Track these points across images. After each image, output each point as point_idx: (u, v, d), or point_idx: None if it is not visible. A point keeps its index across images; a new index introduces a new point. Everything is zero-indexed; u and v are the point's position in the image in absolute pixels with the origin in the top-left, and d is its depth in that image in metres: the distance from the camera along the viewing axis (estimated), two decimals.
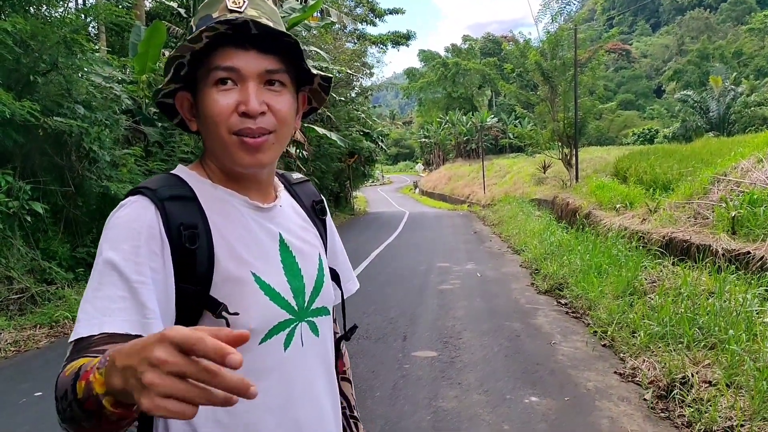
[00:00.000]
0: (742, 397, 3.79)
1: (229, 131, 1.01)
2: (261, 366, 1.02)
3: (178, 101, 1.09)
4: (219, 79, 1.00)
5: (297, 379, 1.07)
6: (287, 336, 1.06)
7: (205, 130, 1.06)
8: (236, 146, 1.01)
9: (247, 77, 1.00)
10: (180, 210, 1.01)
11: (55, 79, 8.73)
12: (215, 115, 1.00)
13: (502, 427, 4.01)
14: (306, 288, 1.11)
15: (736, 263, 6.92)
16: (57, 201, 9.08)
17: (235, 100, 1.00)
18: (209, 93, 1.01)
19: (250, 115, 0.99)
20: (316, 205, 1.27)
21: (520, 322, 6.89)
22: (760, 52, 59.09)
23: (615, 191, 14.00)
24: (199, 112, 1.06)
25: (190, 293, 0.98)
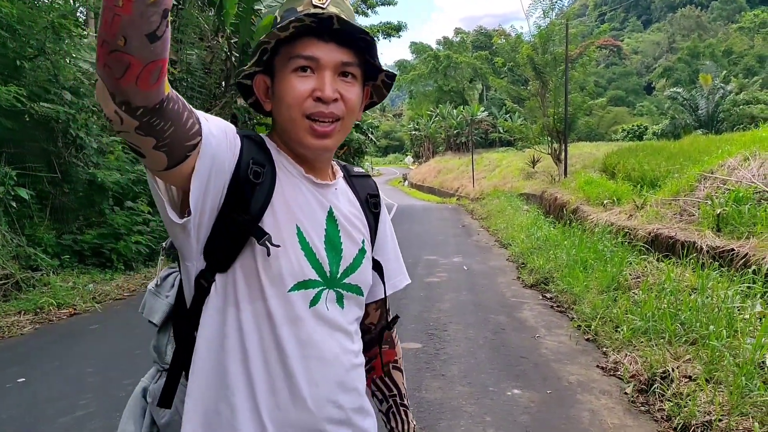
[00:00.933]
0: (721, 393, 3.84)
1: (302, 114, 1.11)
2: (287, 313, 1.11)
3: (256, 83, 1.19)
4: (299, 66, 1.10)
5: (321, 337, 1.15)
6: (315, 296, 1.14)
7: (279, 111, 1.16)
8: (306, 130, 1.12)
9: (325, 67, 1.11)
10: (254, 150, 1.12)
11: (42, 65, 8.66)
12: (292, 98, 1.11)
13: (484, 419, 4.05)
14: (342, 261, 1.20)
15: (720, 260, 7.00)
16: (43, 187, 9.02)
17: (312, 87, 1.10)
18: (288, 78, 1.11)
19: (324, 101, 1.10)
20: (371, 198, 1.36)
21: (505, 316, 6.94)
22: (749, 51, 59.49)
23: (603, 187, 14.09)
24: (275, 95, 1.15)
25: (239, 221, 1.07)
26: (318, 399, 1.13)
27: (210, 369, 1.10)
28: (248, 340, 1.09)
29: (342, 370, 1.19)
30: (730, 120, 34.96)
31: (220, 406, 1.10)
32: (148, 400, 1.23)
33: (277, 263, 1.09)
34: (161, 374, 1.25)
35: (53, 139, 8.98)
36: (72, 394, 4.45)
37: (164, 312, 1.24)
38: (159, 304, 1.25)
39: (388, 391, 1.48)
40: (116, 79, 0.83)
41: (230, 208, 1.07)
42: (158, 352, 1.26)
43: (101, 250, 9.35)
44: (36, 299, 7.14)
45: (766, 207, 7.72)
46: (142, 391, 1.26)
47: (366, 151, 33.09)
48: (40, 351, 5.66)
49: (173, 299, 1.24)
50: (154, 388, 1.22)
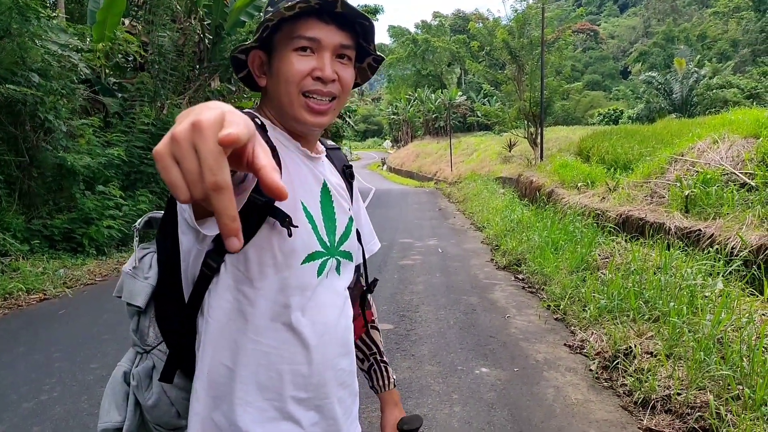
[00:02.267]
0: (680, 368, 3.93)
1: (299, 91, 1.14)
2: (300, 283, 1.15)
3: (251, 58, 1.20)
4: (301, 46, 1.13)
5: (326, 303, 1.21)
6: (320, 265, 1.19)
7: (276, 87, 1.17)
8: (302, 107, 1.16)
9: (325, 48, 1.14)
10: (260, 131, 1.09)
11: (8, 46, 8.45)
12: (292, 75, 1.14)
13: (451, 397, 4.10)
14: (337, 231, 1.25)
15: (686, 240, 7.12)
16: (11, 172, 8.87)
17: (312, 66, 1.13)
18: (289, 56, 1.14)
19: (323, 81, 1.14)
20: (346, 169, 1.42)
21: (477, 297, 7.00)
22: (723, 35, 60.08)
23: (577, 170, 14.20)
24: (272, 71, 1.17)
25: (259, 204, 1.07)
26: (327, 364, 1.20)
27: (223, 346, 1.12)
28: (262, 315, 1.12)
29: (345, 334, 1.27)
30: (703, 104, 35.34)
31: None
32: (132, 383, 1.23)
33: (293, 239, 1.12)
34: (141, 356, 1.25)
35: (20, 123, 8.82)
36: (37, 380, 4.41)
37: (147, 294, 1.24)
38: (139, 287, 1.24)
39: (368, 350, 1.55)
40: None
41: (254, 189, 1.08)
42: (140, 335, 1.26)
43: (72, 235, 9.24)
44: (5, 285, 7.04)
45: (732, 188, 7.85)
46: (123, 375, 1.26)
47: (344, 135, 32.96)
48: (6, 336, 5.60)
49: (154, 280, 1.24)
50: (138, 371, 1.22)
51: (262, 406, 1.13)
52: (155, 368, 1.22)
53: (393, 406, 1.52)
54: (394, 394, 1.54)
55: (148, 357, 1.24)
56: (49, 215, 9.31)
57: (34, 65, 8.71)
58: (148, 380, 1.22)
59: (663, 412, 3.59)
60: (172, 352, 1.21)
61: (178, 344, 1.19)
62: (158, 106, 12.28)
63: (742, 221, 6.67)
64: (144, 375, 1.22)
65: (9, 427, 3.66)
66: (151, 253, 1.28)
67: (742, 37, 57.81)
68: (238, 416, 1.11)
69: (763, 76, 43.81)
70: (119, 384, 1.25)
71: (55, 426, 3.67)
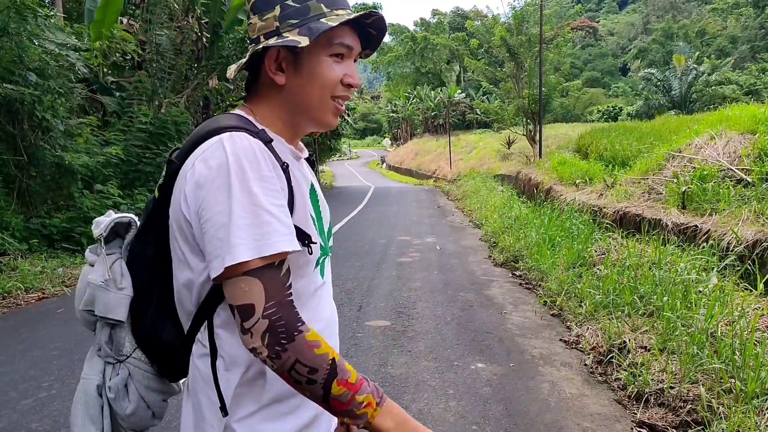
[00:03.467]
0: (673, 362, 3.96)
1: (332, 96, 1.18)
2: (313, 288, 1.20)
3: (270, 53, 1.17)
4: (338, 53, 1.16)
5: (328, 300, 1.27)
6: (321, 266, 1.24)
7: (305, 88, 1.17)
8: (331, 110, 1.19)
9: (353, 55, 1.20)
10: (274, 152, 1.11)
11: (6, 45, 8.47)
12: (330, 80, 1.16)
13: (447, 392, 4.13)
14: (325, 228, 1.28)
15: (683, 236, 7.15)
16: (9, 171, 8.89)
17: (343, 72, 1.17)
18: (326, 60, 1.16)
19: (353, 87, 1.20)
20: (309, 159, 1.40)
21: (474, 293, 7.03)
22: (722, 31, 60.04)
23: (576, 167, 14.24)
24: (300, 71, 1.16)
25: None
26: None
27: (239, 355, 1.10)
28: None
29: (335, 327, 1.31)
30: (702, 100, 35.41)
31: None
32: (109, 395, 1.20)
33: (310, 250, 1.15)
34: (114, 367, 1.22)
35: (18, 122, 8.84)
36: (36, 377, 4.45)
37: (126, 306, 1.20)
38: (115, 299, 1.20)
39: None
40: None
41: None
42: (115, 346, 1.22)
43: (71, 234, 9.26)
44: (3, 284, 7.07)
45: (729, 184, 7.89)
46: (96, 389, 1.21)
47: (343, 133, 32.96)
48: (5, 335, 5.62)
49: (131, 290, 1.21)
50: (116, 382, 1.20)
51: (280, 409, 1.13)
52: (131, 376, 1.21)
53: None
54: None
55: (122, 366, 1.21)
56: (48, 214, 9.33)
57: (31, 64, 8.73)
58: (125, 390, 1.21)
59: (656, 406, 3.62)
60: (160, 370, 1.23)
61: (165, 353, 1.18)
62: (156, 105, 12.30)
63: (738, 217, 6.70)
64: (121, 385, 1.20)
65: (8, 424, 3.69)
66: (119, 259, 1.24)
67: (741, 34, 57.78)
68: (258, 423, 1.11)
69: (762, 73, 43.86)
70: (93, 398, 1.21)
71: (53, 422, 3.70)
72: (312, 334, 1.01)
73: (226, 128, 1.09)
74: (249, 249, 0.98)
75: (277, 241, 1.00)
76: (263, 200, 1.02)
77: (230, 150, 1.04)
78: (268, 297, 0.99)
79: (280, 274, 1.02)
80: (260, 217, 1.00)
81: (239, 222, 0.99)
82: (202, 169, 1.04)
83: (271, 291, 0.99)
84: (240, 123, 1.12)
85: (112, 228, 1.26)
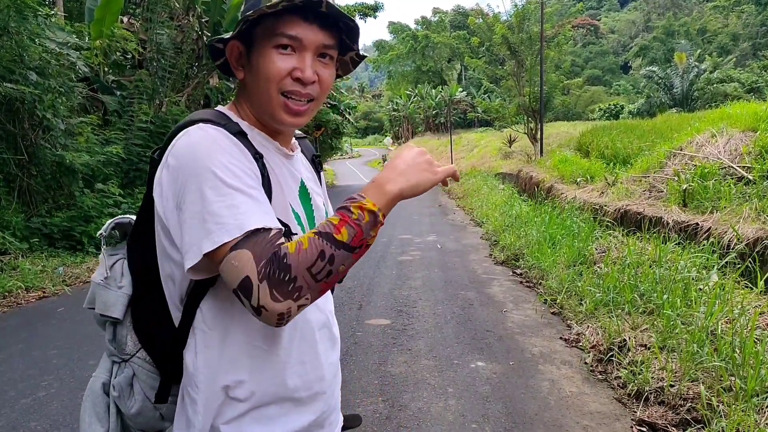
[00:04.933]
0: (674, 359, 3.95)
1: (278, 91, 1.12)
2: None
3: (230, 48, 1.18)
4: (282, 44, 1.10)
5: (315, 307, 1.21)
6: None
7: (254, 82, 1.15)
8: (280, 106, 1.13)
9: (307, 48, 1.12)
10: (246, 143, 1.11)
11: (6, 44, 8.48)
12: (272, 74, 1.11)
13: (446, 390, 4.12)
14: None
15: (684, 234, 7.13)
16: (10, 170, 8.89)
17: (292, 66, 1.11)
18: (269, 53, 1.11)
19: (303, 82, 1.12)
20: (315, 159, 1.42)
21: (474, 292, 7.02)
22: (723, 29, 59.96)
23: (577, 165, 14.21)
24: (251, 66, 1.14)
25: None
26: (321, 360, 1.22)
27: (228, 356, 1.10)
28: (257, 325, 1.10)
29: (331, 326, 1.30)
30: (704, 98, 35.34)
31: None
32: (113, 393, 1.21)
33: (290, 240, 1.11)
34: (120, 366, 1.23)
35: (19, 121, 8.84)
36: (35, 376, 4.45)
37: (124, 304, 1.22)
38: (114, 297, 1.22)
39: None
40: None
41: None
42: (118, 345, 1.23)
43: (71, 233, 9.26)
44: (4, 283, 7.07)
45: (730, 182, 7.86)
46: (102, 387, 1.23)
47: (344, 131, 32.95)
48: (5, 334, 5.63)
49: (129, 289, 1.22)
50: (120, 381, 1.20)
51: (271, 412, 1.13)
52: (135, 376, 1.21)
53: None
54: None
55: (127, 365, 1.22)
56: (49, 213, 9.33)
57: (32, 63, 8.73)
58: (129, 389, 1.21)
59: (656, 404, 3.61)
60: (163, 374, 1.20)
61: (164, 352, 1.18)
62: (157, 104, 12.31)
63: (739, 215, 6.68)
64: (125, 384, 1.20)
65: (6, 423, 3.69)
66: (121, 259, 1.26)
67: (743, 31, 57.71)
68: (247, 425, 1.11)
69: (763, 70, 43.77)
70: (99, 396, 1.23)
71: (52, 422, 3.70)
72: (292, 244, 0.97)
73: (196, 121, 1.09)
74: (228, 231, 0.97)
75: (252, 216, 0.98)
76: (234, 182, 1.00)
77: (195, 139, 1.04)
78: (257, 260, 0.95)
79: (269, 234, 0.98)
80: (233, 197, 0.99)
81: (212, 207, 0.98)
82: (172, 162, 1.04)
83: (260, 252, 0.96)
84: (212, 116, 1.12)
85: (118, 228, 1.31)
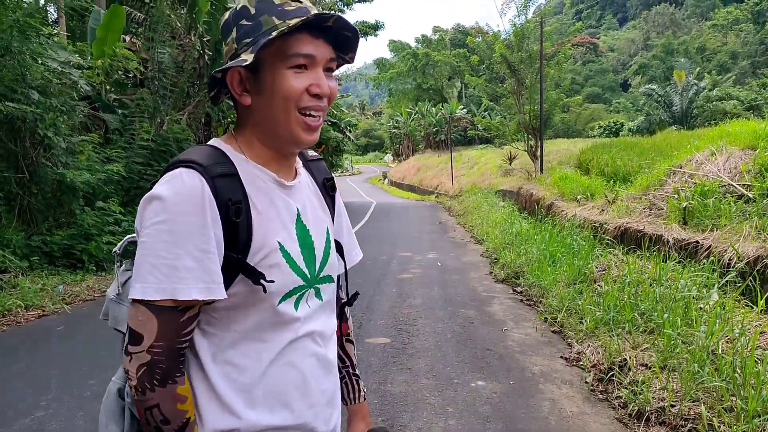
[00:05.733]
0: (674, 379, 3.93)
1: (297, 108, 1.14)
2: (278, 321, 1.17)
3: (230, 76, 1.17)
4: (297, 64, 1.13)
5: (305, 335, 1.21)
6: (297, 299, 1.19)
7: (269, 105, 1.15)
8: (299, 125, 1.15)
9: (319, 63, 1.15)
10: (228, 186, 1.11)
11: (8, 64, 8.54)
12: (291, 93, 1.13)
13: (446, 410, 4.10)
14: (316, 259, 1.24)
15: (684, 252, 7.12)
16: (11, 188, 8.92)
17: (308, 83, 1.13)
18: (285, 74, 1.12)
19: (320, 96, 1.15)
20: (327, 182, 1.40)
21: (475, 310, 7.00)
22: (722, 47, 60.35)
23: (577, 183, 14.23)
24: (262, 89, 1.15)
25: (232, 261, 1.10)
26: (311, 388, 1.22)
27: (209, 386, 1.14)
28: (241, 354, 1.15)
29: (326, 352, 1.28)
30: (703, 116, 35.47)
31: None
32: (127, 399, 1.23)
33: (268, 286, 1.12)
34: None
35: (20, 139, 8.88)
36: (34, 396, 4.42)
37: None
38: (125, 312, 1.23)
39: (342, 363, 1.54)
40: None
41: (225, 246, 1.11)
42: None
43: (72, 251, 9.26)
44: (4, 301, 7.05)
45: (730, 200, 7.87)
46: (117, 392, 1.26)
47: (344, 149, 33.05)
48: (4, 353, 5.61)
49: None
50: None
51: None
52: None
53: (360, 419, 1.52)
54: (363, 408, 1.54)
55: None
56: (49, 231, 9.34)
57: (34, 82, 8.79)
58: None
59: (657, 424, 3.59)
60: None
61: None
62: (158, 122, 12.37)
63: (740, 233, 6.67)
64: None
65: None
66: None
67: (742, 50, 58.08)
68: None
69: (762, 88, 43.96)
70: (114, 400, 1.25)
71: None
72: (185, 388, 1.03)
73: (182, 162, 1.11)
74: (155, 289, 1.02)
75: (184, 288, 1.03)
76: (185, 244, 1.04)
77: (168, 191, 1.07)
78: (158, 336, 1.02)
79: (181, 318, 1.04)
80: (177, 260, 1.03)
81: (153, 260, 1.03)
82: (148, 201, 1.08)
83: (164, 332, 1.03)
84: (201, 159, 1.12)
85: (132, 246, 1.33)
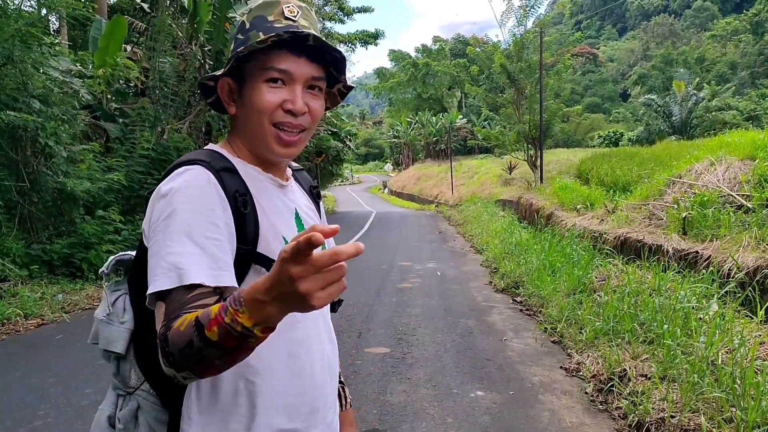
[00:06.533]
0: (674, 390, 3.92)
1: (270, 122, 1.16)
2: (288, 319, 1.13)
3: (220, 85, 1.21)
4: (272, 78, 1.14)
5: (311, 331, 1.24)
6: None
7: (247, 116, 1.19)
8: (273, 137, 1.17)
9: (296, 81, 1.16)
10: (231, 180, 1.14)
11: (10, 73, 8.57)
12: (263, 107, 1.15)
13: (446, 420, 4.09)
14: None
15: (684, 262, 7.12)
16: (11, 197, 8.92)
17: (282, 98, 1.15)
18: (260, 87, 1.15)
19: (294, 113, 1.16)
20: (313, 190, 1.45)
21: (474, 320, 6.99)
22: (721, 58, 60.57)
23: (577, 192, 14.24)
24: (243, 100, 1.18)
25: (242, 252, 1.11)
26: (316, 391, 1.23)
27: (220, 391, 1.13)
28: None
29: (331, 359, 1.30)
30: (702, 126, 35.54)
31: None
32: (119, 426, 1.22)
33: None
34: (125, 399, 1.24)
35: (21, 148, 8.90)
36: (32, 404, 4.41)
37: (126, 339, 1.23)
38: (116, 332, 1.23)
39: None
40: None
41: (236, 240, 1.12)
42: (122, 378, 1.25)
43: (71, 260, 9.26)
44: (3, 310, 7.05)
45: (729, 210, 7.87)
46: (107, 420, 1.24)
47: (344, 158, 33.10)
48: (3, 362, 5.60)
49: (131, 324, 1.24)
50: (124, 414, 1.21)
51: None
52: (140, 408, 1.22)
53: (348, 426, 1.52)
54: (349, 414, 1.54)
55: (131, 398, 1.23)
56: (49, 240, 9.34)
57: (35, 91, 8.82)
58: (134, 421, 1.21)
59: None
60: (168, 407, 1.20)
61: (167, 385, 1.18)
62: (159, 131, 12.39)
63: (739, 243, 6.68)
64: (130, 417, 1.21)
65: None
66: (124, 294, 1.28)
67: (741, 60, 58.29)
68: None
69: (761, 98, 44.11)
70: (105, 428, 1.24)
71: None
72: (183, 319, 0.94)
73: (185, 162, 1.13)
74: (168, 279, 1.00)
75: (196, 272, 1.00)
76: (194, 232, 1.03)
77: (175, 185, 1.07)
78: (165, 317, 0.98)
79: (188, 294, 0.99)
80: (185, 247, 1.02)
81: (166, 253, 1.02)
82: (155, 200, 1.09)
83: (168, 311, 0.98)
84: (202, 156, 1.15)
85: (120, 265, 1.34)
